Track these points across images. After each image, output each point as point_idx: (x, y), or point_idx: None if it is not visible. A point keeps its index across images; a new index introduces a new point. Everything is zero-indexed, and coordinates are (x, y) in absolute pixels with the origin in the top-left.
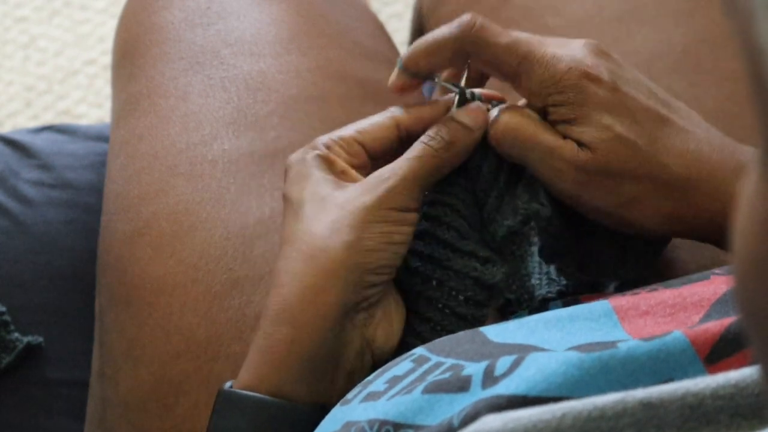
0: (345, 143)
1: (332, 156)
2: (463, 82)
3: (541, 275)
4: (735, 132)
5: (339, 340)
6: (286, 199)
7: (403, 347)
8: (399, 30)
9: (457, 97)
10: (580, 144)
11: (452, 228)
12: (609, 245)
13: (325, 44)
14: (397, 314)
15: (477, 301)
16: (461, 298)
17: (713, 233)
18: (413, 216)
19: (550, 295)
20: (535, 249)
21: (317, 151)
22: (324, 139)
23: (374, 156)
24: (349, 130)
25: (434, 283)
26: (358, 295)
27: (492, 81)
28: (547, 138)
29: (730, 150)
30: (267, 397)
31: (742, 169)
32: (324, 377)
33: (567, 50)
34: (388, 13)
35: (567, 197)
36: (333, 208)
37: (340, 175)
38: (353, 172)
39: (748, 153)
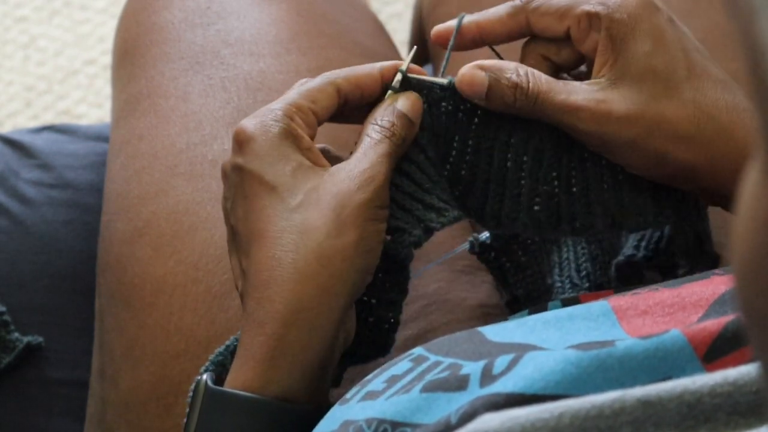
0: (303, 113)
1: (298, 130)
2: (405, 66)
3: (563, 278)
4: None
5: (338, 339)
6: (253, 176)
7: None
8: (399, 30)
9: (399, 76)
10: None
11: None
12: (640, 192)
13: (325, 44)
14: None
15: (393, 269)
16: (379, 265)
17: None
18: (387, 211)
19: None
20: (553, 247)
21: (281, 125)
22: (280, 107)
23: (319, 125)
24: (301, 98)
25: None
26: (357, 296)
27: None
28: (563, 89)
29: (740, 118)
30: (276, 400)
31: None
32: (323, 377)
33: None
34: (388, 13)
35: (594, 146)
36: (331, 203)
37: (307, 154)
38: (317, 150)
39: None
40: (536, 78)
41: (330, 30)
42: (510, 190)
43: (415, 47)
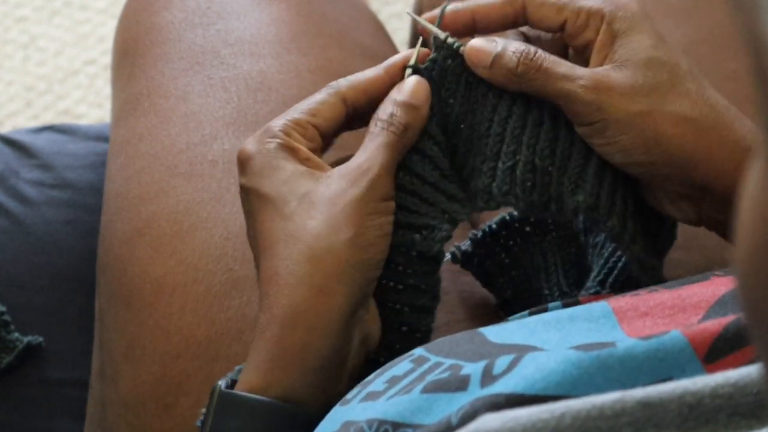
0: (301, 127)
1: (294, 144)
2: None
3: (551, 284)
4: None
5: (346, 340)
6: (254, 193)
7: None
8: (399, 30)
9: (409, 70)
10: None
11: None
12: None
13: (326, 44)
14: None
15: (424, 271)
16: (409, 271)
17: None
18: (393, 203)
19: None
20: (537, 249)
21: (278, 140)
22: (278, 124)
23: (326, 136)
24: (300, 113)
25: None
26: (362, 293)
27: None
28: (567, 63)
29: (739, 116)
30: (277, 401)
31: (750, 133)
32: (332, 379)
33: None
34: (388, 13)
35: (587, 124)
36: (323, 204)
37: (306, 163)
38: (317, 159)
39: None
40: (541, 52)
41: (330, 30)
42: (504, 162)
43: (420, 41)
